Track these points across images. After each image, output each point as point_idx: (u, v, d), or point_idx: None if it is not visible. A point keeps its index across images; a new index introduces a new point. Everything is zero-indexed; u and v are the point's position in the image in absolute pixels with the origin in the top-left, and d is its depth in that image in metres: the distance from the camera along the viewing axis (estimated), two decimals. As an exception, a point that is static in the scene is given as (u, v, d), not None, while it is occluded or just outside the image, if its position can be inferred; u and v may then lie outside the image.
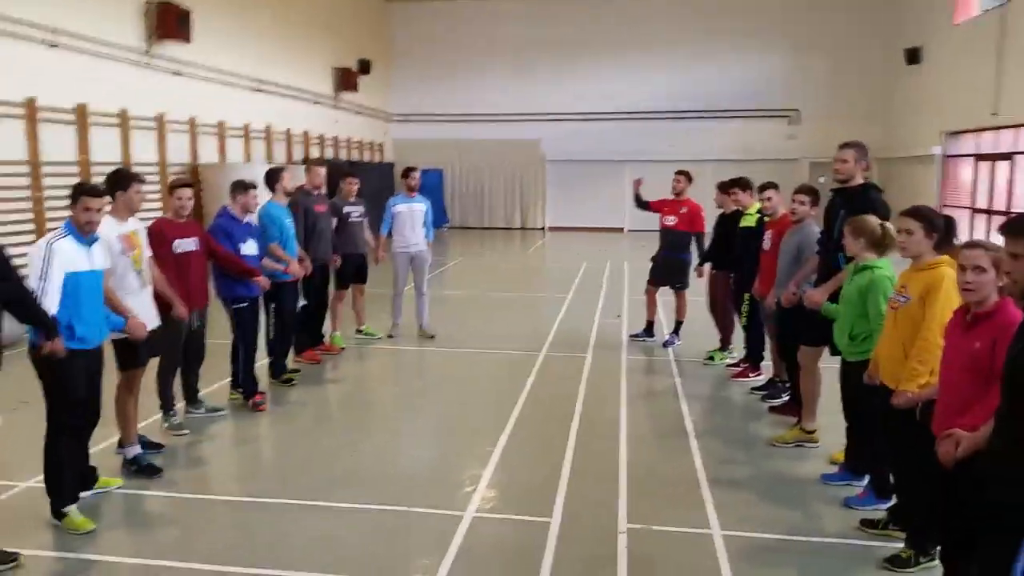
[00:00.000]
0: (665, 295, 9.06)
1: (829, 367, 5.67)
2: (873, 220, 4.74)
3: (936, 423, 3.37)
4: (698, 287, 8.90)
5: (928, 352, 3.81)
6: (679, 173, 8.84)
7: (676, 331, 8.93)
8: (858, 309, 4.63)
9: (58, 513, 4.38)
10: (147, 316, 5.16)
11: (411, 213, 9.05)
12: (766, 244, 6.65)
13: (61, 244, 4.30)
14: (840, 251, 5.14)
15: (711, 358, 8.19)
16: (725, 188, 7.99)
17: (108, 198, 4.44)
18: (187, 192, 5.89)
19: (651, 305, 9.15)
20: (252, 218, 6.72)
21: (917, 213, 4.07)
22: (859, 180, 5.44)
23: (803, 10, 22.63)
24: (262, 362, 7.10)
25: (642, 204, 9.11)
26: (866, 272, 4.63)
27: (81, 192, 4.38)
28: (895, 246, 4.37)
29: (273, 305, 7.15)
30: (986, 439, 2.92)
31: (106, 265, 4.69)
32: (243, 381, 6.62)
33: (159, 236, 5.64)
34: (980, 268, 3.16)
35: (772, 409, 6.61)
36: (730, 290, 7.78)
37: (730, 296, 7.80)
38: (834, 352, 5.08)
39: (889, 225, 4.71)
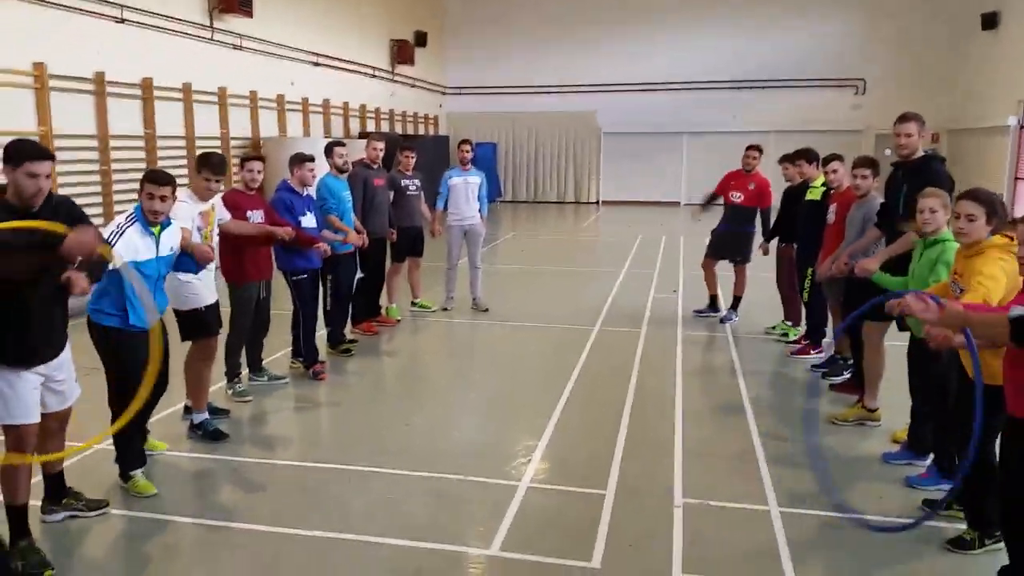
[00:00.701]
0: (725, 270, 8.92)
1: (893, 345, 5.54)
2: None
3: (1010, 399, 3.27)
4: (760, 263, 8.73)
5: (980, 289, 3.67)
6: (751, 147, 8.64)
7: (734, 307, 8.78)
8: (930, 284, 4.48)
9: (125, 476, 4.56)
10: (209, 290, 5.30)
11: (466, 186, 9.07)
12: (830, 217, 6.50)
13: (129, 232, 4.31)
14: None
15: (784, 333, 8.04)
16: (791, 160, 7.82)
17: (172, 186, 4.47)
18: (258, 165, 6.02)
19: (710, 279, 8.99)
20: (310, 191, 6.82)
21: (979, 197, 3.87)
22: (920, 152, 5.30)
23: (871, -25, 21.81)
24: (321, 332, 7.24)
25: (713, 198, 9.12)
26: (938, 245, 4.50)
27: (144, 179, 4.38)
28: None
29: (331, 277, 7.27)
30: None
31: (190, 226, 4.89)
32: (304, 351, 6.77)
33: (235, 205, 5.78)
34: None
35: (833, 387, 6.48)
36: (794, 264, 7.61)
37: (794, 269, 7.64)
38: (902, 328, 4.95)
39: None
